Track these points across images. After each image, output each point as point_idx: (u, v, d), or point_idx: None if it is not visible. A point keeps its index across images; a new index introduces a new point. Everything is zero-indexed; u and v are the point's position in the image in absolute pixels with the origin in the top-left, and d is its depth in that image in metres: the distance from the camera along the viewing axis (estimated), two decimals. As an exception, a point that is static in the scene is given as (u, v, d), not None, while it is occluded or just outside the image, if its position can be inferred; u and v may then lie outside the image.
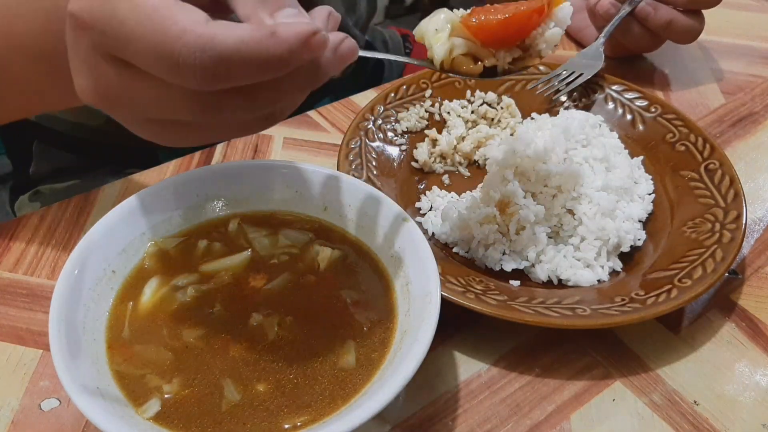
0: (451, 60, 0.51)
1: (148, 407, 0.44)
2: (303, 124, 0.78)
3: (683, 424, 0.51)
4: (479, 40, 0.50)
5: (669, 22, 0.78)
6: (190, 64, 0.33)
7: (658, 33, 0.81)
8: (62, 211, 0.66)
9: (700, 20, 0.80)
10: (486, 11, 0.50)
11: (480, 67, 0.51)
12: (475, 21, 0.49)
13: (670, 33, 0.80)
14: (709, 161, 0.67)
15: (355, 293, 0.51)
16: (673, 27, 0.79)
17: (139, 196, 0.53)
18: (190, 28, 0.33)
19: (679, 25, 0.78)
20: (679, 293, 0.54)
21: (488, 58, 0.51)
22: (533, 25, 0.50)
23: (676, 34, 0.80)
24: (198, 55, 0.33)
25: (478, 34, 0.50)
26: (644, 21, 0.80)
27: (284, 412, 0.44)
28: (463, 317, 0.54)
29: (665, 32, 0.80)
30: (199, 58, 0.33)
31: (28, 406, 0.50)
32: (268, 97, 0.37)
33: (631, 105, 0.75)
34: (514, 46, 0.51)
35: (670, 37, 0.81)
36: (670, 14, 0.78)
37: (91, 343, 0.46)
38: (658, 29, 0.80)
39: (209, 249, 0.54)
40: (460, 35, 0.50)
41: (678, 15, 0.78)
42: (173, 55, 0.33)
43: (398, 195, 0.66)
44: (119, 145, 0.88)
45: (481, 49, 0.51)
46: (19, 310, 0.57)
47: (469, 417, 0.51)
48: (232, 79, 0.34)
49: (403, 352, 0.45)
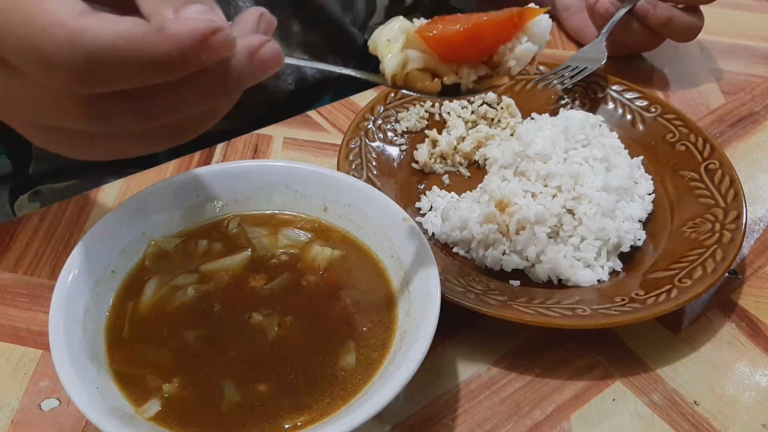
0: (404, 75, 0.44)
1: (148, 407, 0.44)
2: (303, 124, 0.78)
3: (683, 424, 0.51)
4: (437, 53, 0.44)
5: (668, 20, 0.78)
6: (58, 62, 0.29)
7: (658, 31, 0.81)
8: (62, 211, 0.66)
9: (699, 17, 0.80)
10: (446, 21, 0.44)
11: (437, 84, 0.45)
12: (433, 32, 0.43)
13: (670, 30, 0.80)
14: (709, 161, 0.67)
15: (355, 293, 0.51)
16: (673, 24, 0.79)
17: (139, 196, 0.53)
18: (60, 19, 0.29)
19: (679, 22, 0.78)
20: (679, 293, 0.54)
21: (448, 74, 0.45)
22: (502, 40, 0.44)
23: (676, 31, 0.80)
24: (67, 50, 0.29)
25: (436, 47, 0.44)
26: (644, 19, 0.80)
27: (284, 412, 0.44)
28: (463, 317, 0.54)
29: (665, 30, 0.80)
30: (68, 55, 0.29)
31: (28, 406, 0.50)
32: (164, 104, 0.32)
33: (631, 105, 0.75)
34: (479, 63, 0.45)
35: (670, 34, 0.81)
36: (669, 12, 0.78)
37: (91, 343, 0.46)
38: (658, 27, 0.80)
39: (209, 249, 0.54)
40: (416, 47, 0.44)
41: (677, 12, 0.78)
42: (41, 50, 0.29)
43: (398, 195, 0.66)
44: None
45: (441, 65, 0.44)
46: (19, 310, 0.57)
47: (469, 417, 0.51)
48: (110, 80, 0.30)
49: (403, 352, 0.45)
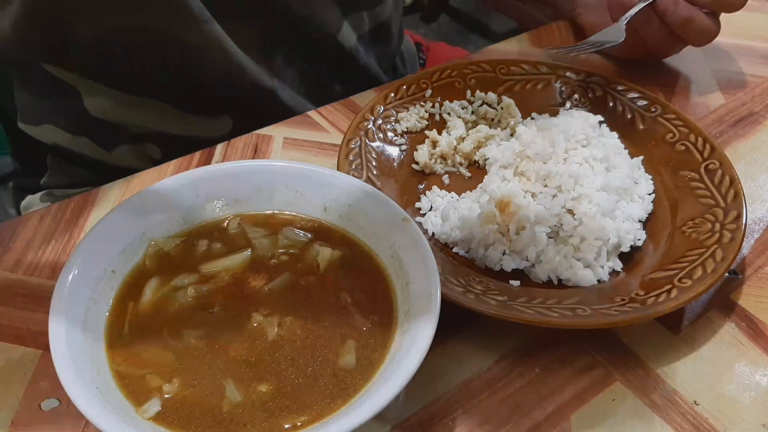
0: None
1: (148, 407, 0.44)
2: (303, 124, 0.78)
3: (683, 424, 0.51)
4: None
5: (689, 20, 0.77)
6: None
7: (676, 30, 0.79)
8: (62, 211, 0.66)
9: (717, 24, 0.79)
10: None
11: None
12: None
13: (688, 31, 0.78)
14: (709, 161, 0.67)
15: (355, 293, 0.51)
16: (692, 25, 0.77)
17: (139, 196, 0.53)
18: None
19: (699, 23, 0.77)
20: (679, 293, 0.54)
21: None
22: None
23: (694, 33, 0.78)
24: None
25: None
26: (663, 16, 0.78)
27: (284, 413, 0.44)
28: (463, 317, 0.54)
29: (683, 30, 0.78)
30: None
31: (28, 406, 0.50)
32: None
33: (631, 105, 0.75)
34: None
35: (687, 35, 0.80)
36: (690, 11, 0.77)
37: (91, 343, 0.46)
38: (677, 26, 0.78)
39: (209, 249, 0.54)
40: None
41: (699, 13, 0.77)
42: None
43: (398, 195, 0.66)
44: (130, 169, 0.88)
45: None
46: (19, 310, 0.57)
47: (469, 417, 0.51)
48: None
49: (403, 352, 0.45)
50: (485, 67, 0.78)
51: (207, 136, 0.84)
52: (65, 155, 0.86)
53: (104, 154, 0.85)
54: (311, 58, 0.90)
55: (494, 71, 0.79)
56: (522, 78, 0.78)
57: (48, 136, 0.84)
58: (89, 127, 0.83)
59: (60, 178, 0.89)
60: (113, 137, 0.85)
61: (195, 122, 0.85)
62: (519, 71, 0.79)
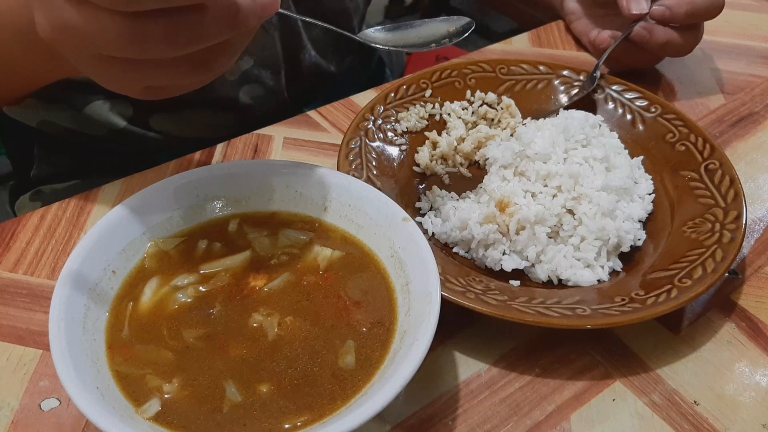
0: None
1: (148, 407, 0.44)
2: (303, 124, 0.78)
3: (683, 424, 0.51)
4: None
5: (666, 43, 0.79)
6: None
7: (657, 53, 0.82)
8: (62, 211, 0.66)
9: (697, 32, 0.80)
10: None
11: None
12: None
13: (669, 50, 0.81)
14: (709, 161, 0.67)
15: (355, 293, 0.51)
16: (671, 46, 0.79)
17: (139, 196, 0.53)
18: None
19: (676, 43, 0.79)
20: (679, 293, 0.54)
21: None
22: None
23: (674, 50, 0.81)
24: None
25: None
26: (641, 44, 0.81)
27: (284, 413, 0.44)
28: (463, 317, 0.54)
29: (663, 51, 0.81)
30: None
31: (28, 406, 0.50)
32: (187, 30, 0.40)
33: (631, 105, 0.75)
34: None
35: (669, 54, 0.83)
36: (665, 35, 0.79)
37: (91, 343, 0.46)
38: (656, 50, 0.81)
39: (209, 249, 0.54)
40: None
41: (673, 34, 0.79)
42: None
43: (398, 195, 0.66)
44: (118, 151, 0.88)
45: None
46: (19, 310, 0.57)
47: (469, 417, 0.51)
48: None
49: (403, 352, 0.45)
50: (485, 67, 0.79)
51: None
52: (51, 139, 0.86)
53: (79, 119, 0.83)
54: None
55: (494, 71, 0.79)
56: (522, 78, 0.78)
57: (31, 116, 0.84)
58: (65, 90, 0.82)
59: (46, 169, 0.89)
60: (86, 97, 0.83)
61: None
62: (519, 71, 0.79)
